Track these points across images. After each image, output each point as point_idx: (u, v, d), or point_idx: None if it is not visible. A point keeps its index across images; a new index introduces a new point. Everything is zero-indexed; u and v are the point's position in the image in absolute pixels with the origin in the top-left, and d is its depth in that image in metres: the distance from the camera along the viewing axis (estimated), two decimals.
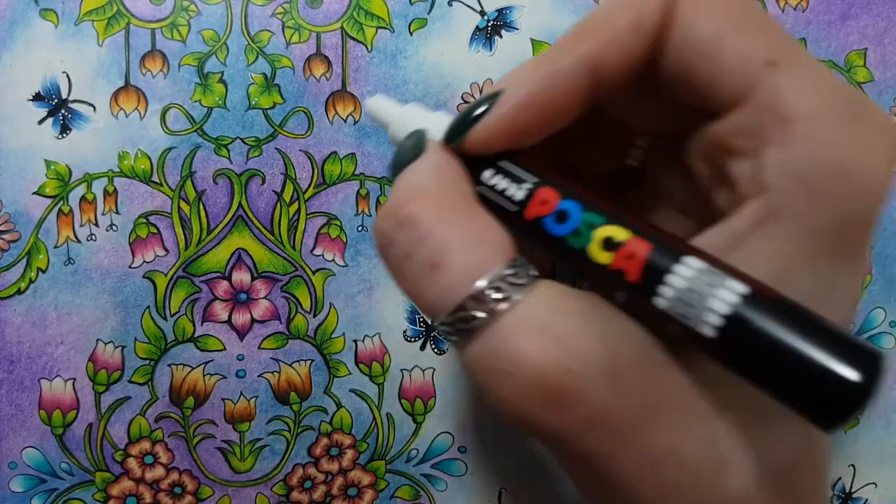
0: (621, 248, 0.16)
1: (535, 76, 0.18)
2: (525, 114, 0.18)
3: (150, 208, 0.31)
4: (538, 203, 0.17)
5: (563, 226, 0.17)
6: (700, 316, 0.14)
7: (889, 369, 0.34)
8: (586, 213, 0.17)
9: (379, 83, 0.32)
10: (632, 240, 0.16)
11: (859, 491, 0.34)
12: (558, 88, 0.18)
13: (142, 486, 0.31)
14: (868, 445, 0.33)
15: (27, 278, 0.30)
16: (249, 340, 0.31)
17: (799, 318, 0.14)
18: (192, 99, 0.31)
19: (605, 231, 0.16)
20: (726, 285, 0.14)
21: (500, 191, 0.18)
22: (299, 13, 0.31)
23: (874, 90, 0.33)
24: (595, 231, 0.16)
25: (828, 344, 0.13)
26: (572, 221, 0.17)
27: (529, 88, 0.18)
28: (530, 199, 0.17)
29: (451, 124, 0.19)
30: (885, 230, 0.33)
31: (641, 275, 0.15)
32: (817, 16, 0.33)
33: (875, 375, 0.13)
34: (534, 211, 0.17)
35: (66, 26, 0.31)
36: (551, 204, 0.17)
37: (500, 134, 0.18)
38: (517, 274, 0.17)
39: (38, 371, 0.30)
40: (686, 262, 0.15)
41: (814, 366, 0.13)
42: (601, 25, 0.18)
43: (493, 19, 0.32)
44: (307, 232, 0.31)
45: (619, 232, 0.16)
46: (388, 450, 0.32)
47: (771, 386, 0.14)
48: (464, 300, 0.16)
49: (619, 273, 0.16)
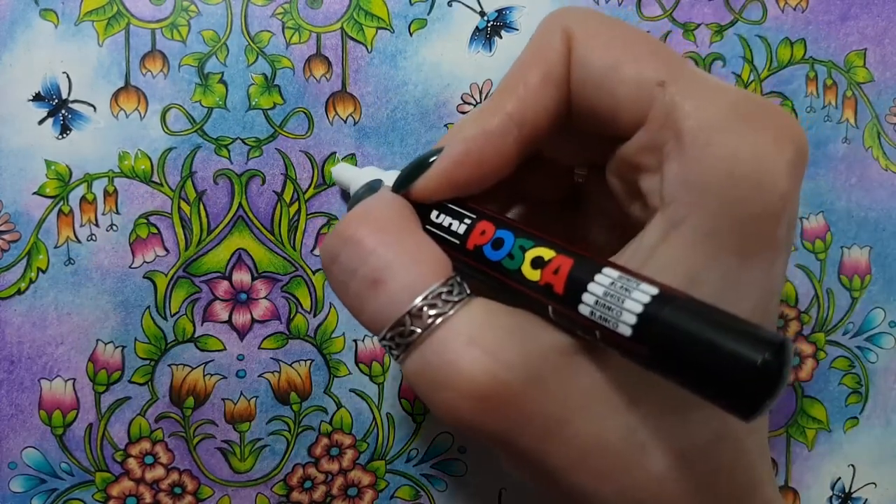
0: (548, 265, 0.18)
1: (469, 135, 0.20)
2: (461, 170, 0.20)
3: (150, 208, 0.31)
4: (478, 234, 0.20)
5: (499, 251, 0.19)
6: (617, 318, 0.16)
7: (889, 368, 0.34)
8: (518, 238, 0.19)
9: (379, 83, 0.32)
10: (556, 258, 0.18)
11: (859, 491, 0.34)
12: (489, 147, 0.19)
13: (142, 487, 0.31)
14: (868, 445, 0.33)
15: (27, 278, 0.30)
16: (249, 340, 0.31)
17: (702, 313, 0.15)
18: (192, 99, 0.31)
19: (534, 252, 0.18)
20: (638, 289, 0.16)
21: (446, 226, 0.20)
22: (299, 13, 0.32)
23: (874, 90, 0.33)
24: (526, 253, 0.19)
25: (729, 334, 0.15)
26: (507, 247, 0.19)
27: (463, 147, 0.20)
28: (471, 231, 0.20)
29: (400, 175, 0.21)
30: (885, 230, 0.33)
31: (566, 287, 0.17)
32: (817, 16, 0.33)
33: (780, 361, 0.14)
34: (474, 241, 0.20)
35: (66, 26, 0.31)
36: (489, 234, 0.19)
37: (440, 186, 0.20)
38: (452, 291, 0.18)
39: (38, 371, 0.30)
40: (604, 272, 0.17)
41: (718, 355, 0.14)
42: (518, 84, 0.19)
43: (492, 20, 0.32)
44: (307, 232, 0.31)
45: (546, 252, 0.18)
46: (388, 450, 0.32)
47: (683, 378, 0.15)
48: (402, 315, 0.18)
49: (547, 287, 0.18)
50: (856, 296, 0.33)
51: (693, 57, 0.33)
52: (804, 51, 0.33)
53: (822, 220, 0.33)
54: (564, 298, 0.17)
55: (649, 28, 0.33)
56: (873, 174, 0.33)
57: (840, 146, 0.33)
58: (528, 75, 0.19)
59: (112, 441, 0.31)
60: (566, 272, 0.18)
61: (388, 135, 0.32)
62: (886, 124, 0.33)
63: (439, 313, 0.18)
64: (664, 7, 0.33)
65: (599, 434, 0.17)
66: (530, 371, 0.17)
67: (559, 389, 0.17)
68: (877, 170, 0.33)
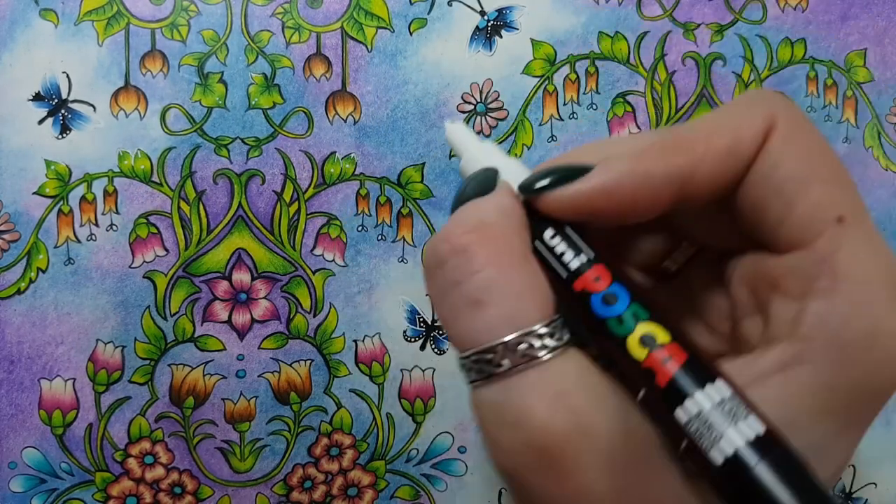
0: (659, 349, 0.16)
1: (628, 169, 0.18)
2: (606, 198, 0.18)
3: (150, 208, 0.31)
4: (591, 278, 0.18)
5: (608, 308, 0.17)
6: (714, 441, 0.15)
7: None
8: (633, 303, 0.17)
9: (379, 83, 0.32)
10: (671, 345, 0.16)
11: (859, 491, 0.34)
12: (645, 189, 0.18)
13: (142, 486, 0.31)
14: (868, 445, 0.33)
15: (27, 278, 0.30)
16: (249, 340, 0.31)
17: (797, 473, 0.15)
18: (192, 99, 0.31)
19: (648, 327, 0.17)
20: (746, 421, 0.15)
21: (558, 254, 0.18)
22: (299, 13, 0.31)
23: (874, 90, 0.33)
24: (638, 323, 0.17)
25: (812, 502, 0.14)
26: (618, 307, 0.17)
27: (620, 178, 0.18)
28: (584, 271, 0.18)
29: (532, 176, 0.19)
30: (885, 230, 0.33)
31: (671, 383, 0.16)
32: (817, 16, 0.33)
33: None
34: (584, 284, 0.18)
35: (66, 26, 0.31)
36: (603, 283, 0.17)
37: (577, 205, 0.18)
38: (552, 335, 0.17)
39: (38, 371, 0.30)
40: (717, 384, 0.16)
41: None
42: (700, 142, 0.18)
43: (492, 19, 0.32)
44: (307, 232, 0.31)
45: (661, 333, 0.16)
46: (388, 450, 0.32)
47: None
48: (495, 344, 0.17)
49: (649, 372, 0.16)
50: None
51: (693, 57, 0.33)
52: (804, 51, 0.33)
53: None
54: (665, 394, 0.16)
55: (649, 28, 0.33)
56: (873, 174, 0.33)
57: (840, 146, 0.33)
58: (716, 140, 0.18)
59: (112, 441, 0.31)
60: (677, 366, 0.16)
61: (389, 134, 0.32)
62: (887, 124, 0.33)
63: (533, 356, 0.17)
64: (664, 7, 0.33)
65: None
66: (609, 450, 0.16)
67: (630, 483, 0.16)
68: (877, 169, 0.33)
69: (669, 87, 0.33)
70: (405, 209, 0.32)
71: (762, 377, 0.17)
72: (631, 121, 0.32)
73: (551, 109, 0.32)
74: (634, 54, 0.32)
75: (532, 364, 0.17)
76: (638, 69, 0.32)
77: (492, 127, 0.32)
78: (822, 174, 0.18)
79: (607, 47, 0.32)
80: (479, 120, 0.32)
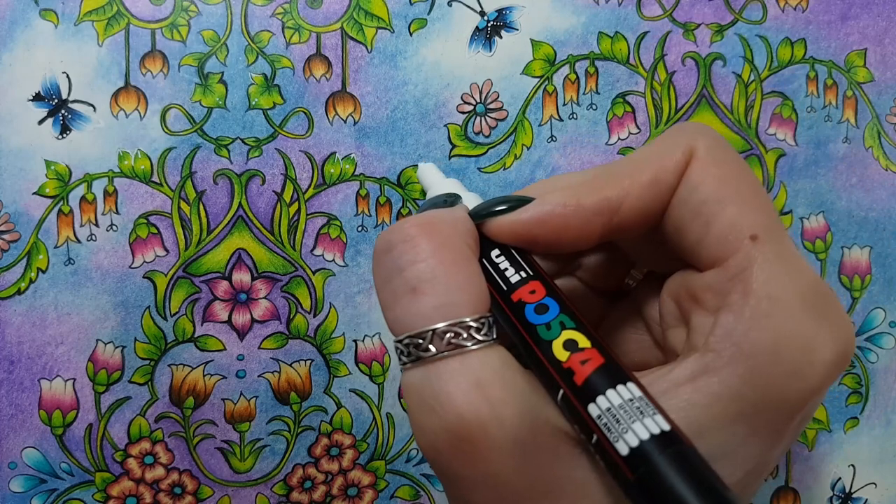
0: (579, 352, 0.18)
1: (561, 201, 0.20)
2: (541, 228, 0.20)
3: (150, 208, 0.31)
4: (527, 290, 0.20)
5: (539, 317, 0.19)
6: (621, 434, 0.17)
7: (889, 368, 0.34)
8: (562, 313, 0.19)
9: (379, 83, 0.32)
10: (590, 349, 0.18)
11: (859, 491, 0.34)
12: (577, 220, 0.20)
13: (142, 487, 0.31)
14: (868, 445, 0.33)
15: (27, 278, 0.30)
16: (249, 340, 0.31)
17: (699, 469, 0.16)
18: (192, 99, 0.31)
19: (571, 334, 0.19)
20: (653, 417, 0.17)
21: (501, 269, 0.21)
22: (299, 13, 0.31)
23: (874, 90, 0.33)
24: (564, 330, 0.19)
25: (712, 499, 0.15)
26: (548, 316, 0.19)
27: (551, 209, 0.20)
28: (522, 285, 0.20)
29: (480, 205, 0.21)
30: (885, 230, 0.33)
31: (586, 381, 0.18)
32: (817, 16, 0.33)
33: None
34: (521, 295, 0.20)
35: (66, 26, 0.31)
36: (537, 296, 0.20)
37: (515, 233, 0.20)
38: (480, 330, 0.18)
39: (38, 371, 0.30)
40: (628, 385, 0.17)
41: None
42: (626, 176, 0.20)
43: (492, 19, 0.32)
44: (307, 232, 0.31)
45: (582, 339, 0.19)
46: (388, 450, 0.32)
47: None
48: (426, 330, 0.18)
49: (569, 372, 0.18)
50: (856, 296, 0.33)
51: (693, 57, 0.33)
52: (804, 51, 0.33)
53: (823, 220, 0.33)
54: (580, 390, 0.18)
55: (649, 28, 0.33)
56: (874, 174, 0.33)
57: (840, 146, 0.33)
58: (640, 172, 0.20)
59: (112, 441, 0.31)
60: (593, 367, 0.18)
61: (388, 135, 0.32)
62: (887, 124, 0.33)
63: (459, 344, 0.18)
64: (664, 7, 0.33)
65: None
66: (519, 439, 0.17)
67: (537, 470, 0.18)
68: (877, 170, 0.33)
69: (669, 88, 0.33)
70: (405, 209, 0.32)
71: (675, 387, 0.18)
72: (631, 121, 0.32)
73: (551, 110, 0.32)
74: (634, 54, 0.32)
75: (457, 352, 0.18)
76: (638, 69, 0.32)
77: (491, 127, 0.32)
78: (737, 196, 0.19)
79: (607, 47, 0.32)
80: (478, 120, 0.32)
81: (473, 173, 0.32)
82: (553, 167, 0.32)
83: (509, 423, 0.17)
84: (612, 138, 0.32)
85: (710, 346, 0.18)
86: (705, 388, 0.18)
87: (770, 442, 0.18)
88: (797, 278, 0.18)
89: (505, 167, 0.32)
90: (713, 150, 0.20)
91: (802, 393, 0.18)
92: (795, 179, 0.33)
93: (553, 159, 0.32)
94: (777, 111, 0.33)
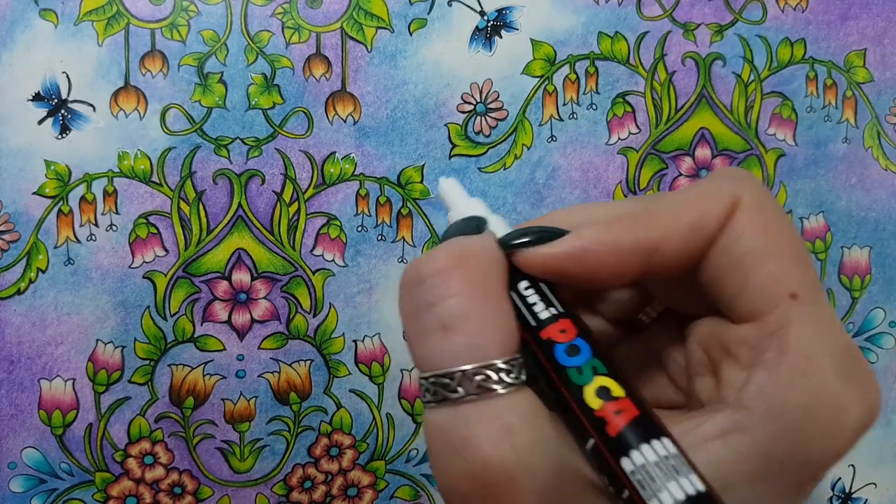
0: (613, 402, 0.18)
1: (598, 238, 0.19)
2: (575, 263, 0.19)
3: (149, 208, 0.31)
4: (557, 329, 0.19)
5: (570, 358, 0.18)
6: (655, 492, 0.16)
7: (889, 368, 0.34)
8: (594, 357, 0.18)
9: (379, 83, 0.32)
10: (624, 399, 0.18)
11: (859, 491, 0.34)
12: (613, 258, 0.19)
13: (142, 487, 0.31)
14: (868, 445, 0.33)
15: (27, 278, 0.30)
16: (249, 340, 0.31)
17: None
18: (191, 99, 0.31)
19: (604, 381, 0.18)
20: (688, 477, 0.16)
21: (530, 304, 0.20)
22: (299, 13, 0.31)
23: (874, 90, 0.33)
24: (596, 376, 0.18)
25: None
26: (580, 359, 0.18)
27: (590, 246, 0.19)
28: (552, 322, 0.19)
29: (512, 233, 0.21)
30: (885, 230, 0.33)
31: (621, 433, 0.17)
32: (817, 16, 0.33)
33: None
34: (550, 334, 0.19)
35: (66, 26, 0.31)
36: (568, 335, 0.19)
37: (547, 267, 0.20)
38: (510, 372, 0.18)
39: (37, 371, 0.30)
40: (663, 440, 0.17)
41: None
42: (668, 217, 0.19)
43: (492, 19, 0.32)
44: (307, 232, 0.31)
45: (616, 388, 0.18)
46: (387, 450, 0.32)
47: None
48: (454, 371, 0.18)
49: (601, 422, 0.17)
50: (856, 296, 0.33)
51: (693, 57, 0.33)
52: (804, 51, 0.33)
53: (823, 220, 0.33)
54: (614, 442, 0.17)
55: (649, 28, 0.33)
56: (873, 174, 0.33)
57: (840, 146, 0.33)
58: (683, 214, 0.19)
59: (112, 441, 0.31)
60: (628, 419, 0.17)
61: (388, 134, 0.32)
62: (886, 124, 0.33)
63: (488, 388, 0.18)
64: (664, 7, 0.33)
65: None
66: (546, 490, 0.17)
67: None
68: (877, 170, 0.33)
69: (669, 88, 0.33)
70: (405, 209, 0.32)
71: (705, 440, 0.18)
72: (630, 121, 0.32)
73: (551, 109, 0.32)
74: (634, 54, 0.32)
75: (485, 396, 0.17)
76: (638, 69, 0.32)
77: (491, 127, 0.32)
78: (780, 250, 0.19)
79: (607, 47, 0.32)
80: (478, 120, 0.32)
81: (473, 173, 0.32)
82: (553, 167, 0.32)
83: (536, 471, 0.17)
84: (612, 138, 0.32)
85: (742, 402, 0.18)
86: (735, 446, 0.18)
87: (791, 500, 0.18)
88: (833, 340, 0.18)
89: (505, 167, 0.32)
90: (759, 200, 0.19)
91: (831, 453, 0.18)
92: (795, 179, 0.33)
93: (553, 159, 0.32)
94: (777, 111, 0.33)
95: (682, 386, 0.22)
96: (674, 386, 0.22)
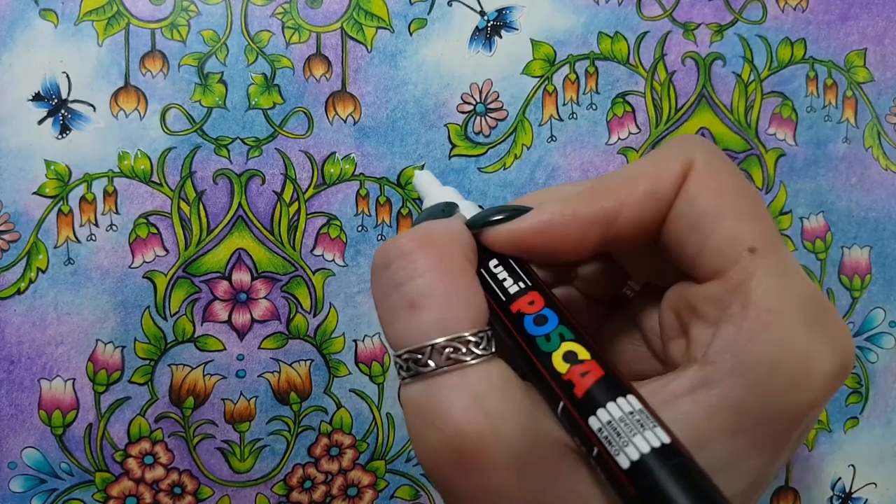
0: (579, 364, 0.18)
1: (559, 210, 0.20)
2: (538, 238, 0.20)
3: (150, 208, 0.31)
4: (526, 301, 0.20)
5: (538, 328, 0.19)
6: (622, 447, 0.16)
7: (889, 368, 0.34)
8: (561, 324, 0.19)
9: (379, 83, 0.32)
10: (590, 361, 0.18)
11: (859, 491, 0.34)
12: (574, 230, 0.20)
13: (142, 487, 0.31)
14: (868, 445, 0.33)
15: (27, 278, 0.30)
16: (249, 340, 0.31)
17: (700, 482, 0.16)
18: (192, 99, 0.31)
19: (571, 346, 0.19)
20: (654, 430, 0.17)
21: (500, 280, 0.20)
22: (299, 13, 0.31)
23: (874, 90, 0.33)
24: (563, 342, 0.19)
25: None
26: (547, 327, 0.19)
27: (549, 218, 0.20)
28: (521, 296, 0.20)
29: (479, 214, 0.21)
30: (885, 230, 0.33)
31: (587, 393, 0.18)
32: (817, 16, 0.33)
33: None
34: (520, 306, 0.20)
35: (66, 26, 0.31)
36: (536, 307, 0.20)
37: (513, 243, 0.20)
38: (479, 344, 0.18)
39: (37, 371, 0.30)
40: (628, 398, 0.17)
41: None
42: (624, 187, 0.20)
43: (492, 19, 0.32)
44: (307, 232, 0.31)
45: (582, 351, 0.18)
46: (388, 450, 0.32)
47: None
48: (425, 345, 0.18)
49: (568, 384, 0.18)
50: (856, 296, 0.33)
51: (693, 57, 0.33)
52: (804, 51, 0.33)
53: (823, 220, 0.33)
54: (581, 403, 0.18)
55: (649, 28, 0.33)
56: (873, 174, 0.33)
57: (840, 146, 0.33)
58: (637, 183, 0.20)
59: (112, 441, 0.31)
60: (593, 380, 0.18)
61: (388, 134, 0.32)
62: (886, 124, 0.33)
63: (458, 359, 0.18)
64: (664, 7, 0.33)
65: None
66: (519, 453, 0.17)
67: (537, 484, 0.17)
68: (877, 170, 0.33)
69: (669, 88, 0.33)
70: (405, 209, 0.32)
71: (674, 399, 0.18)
72: (630, 121, 0.32)
73: (551, 110, 0.32)
74: (634, 54, 0.32)
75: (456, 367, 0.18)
76: (638, 69, 0.32)
77: (491, 127, 0.32)
78: (735, 208, 0.19)
79: (607, 47, 0.32)
80: (478, 120, 0.32)
81: (473, 173, 0.32)
82: (553, 167, 0.32)
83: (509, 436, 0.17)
84: (612, 138, 0.32)
85: (709, 357, 0.18)
86: (705, 401, 0.18)
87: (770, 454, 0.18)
88: (796, 291, 0.18)
89: (505, 167, 0.32)
90: (711, 162, 0.20)
91: (802, 405, 0.18)
92: (795, 179, 0.33)
93: (553, 159, 0.32)
94: (777, 111, 0.33)
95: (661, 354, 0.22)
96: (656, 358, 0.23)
